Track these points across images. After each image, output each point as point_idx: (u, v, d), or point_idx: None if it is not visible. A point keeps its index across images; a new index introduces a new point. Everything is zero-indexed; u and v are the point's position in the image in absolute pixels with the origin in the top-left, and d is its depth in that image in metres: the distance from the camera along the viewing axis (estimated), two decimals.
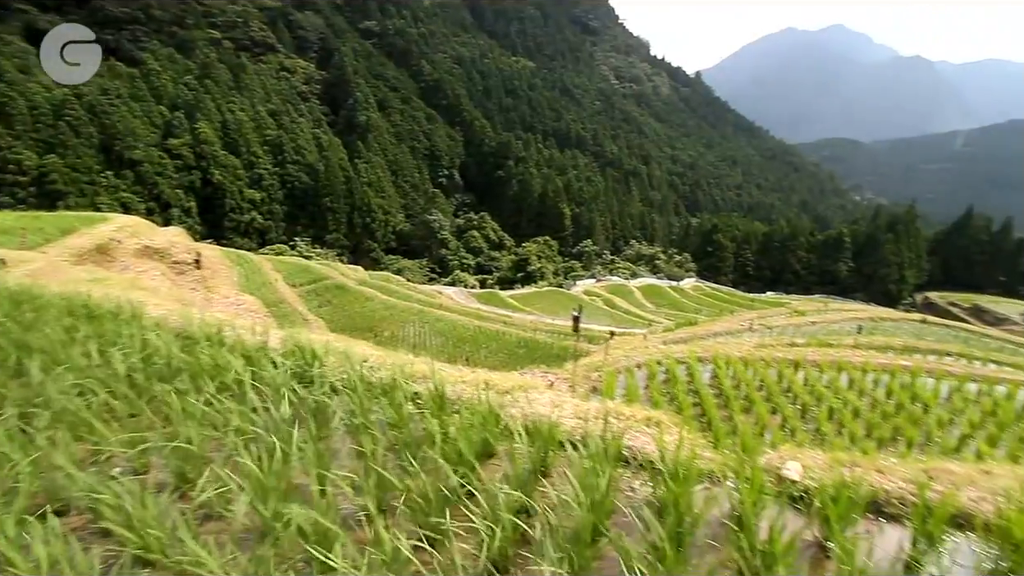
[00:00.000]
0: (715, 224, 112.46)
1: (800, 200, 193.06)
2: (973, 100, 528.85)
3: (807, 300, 62.17)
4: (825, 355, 8.91)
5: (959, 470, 2.95)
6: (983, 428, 6.46)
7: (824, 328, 15.56)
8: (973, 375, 8.18)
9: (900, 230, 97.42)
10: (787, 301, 44.03)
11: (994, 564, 2.25)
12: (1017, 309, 75.59)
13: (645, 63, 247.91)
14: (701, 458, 2.95)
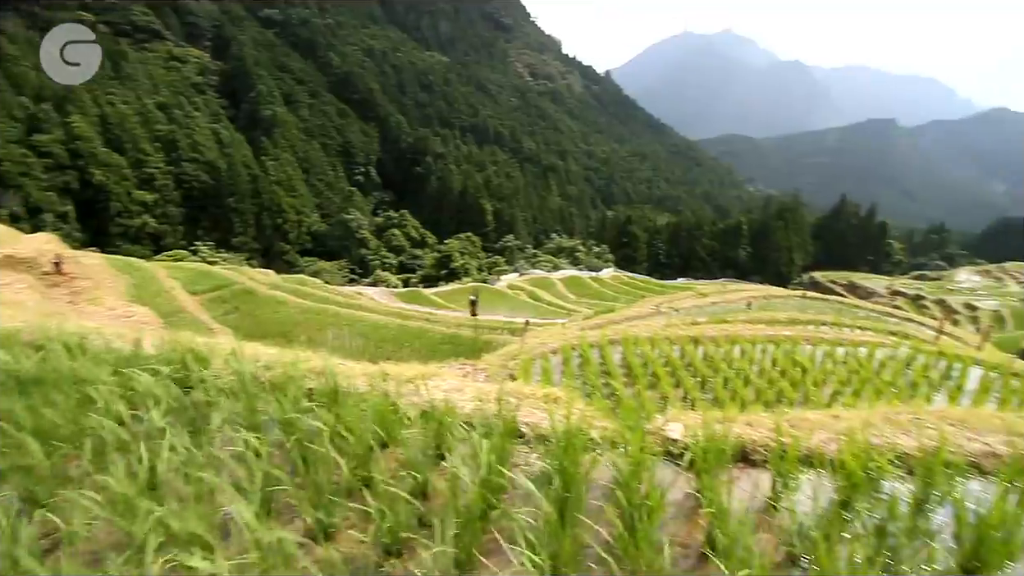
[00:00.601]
0: (629, 216, 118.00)
1: (703, 192, 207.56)
2: (841, 101, 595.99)
3: (712, 284, 67.16)
4: (721, 331, 9.75)
5: (814, 417, 3.34)
6: (849, 384, 7.40)
7: (723, 307, 17.02)
8: (842, 340, 9.37)
9: (788, 218, 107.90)
10: (695, 286, 47.42)
11: (838, 496, 2.57)
12: (883, 284, 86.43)
13: (558, 61, 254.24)
14: (594, 427, 3.10)
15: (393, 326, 27.57)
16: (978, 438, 3.07)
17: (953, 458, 2.84)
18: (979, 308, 64.44)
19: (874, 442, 2.93)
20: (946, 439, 3.06)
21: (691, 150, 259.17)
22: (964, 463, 2.86)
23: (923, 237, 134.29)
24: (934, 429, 3.17)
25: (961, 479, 2.75)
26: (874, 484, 2.51)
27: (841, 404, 6.92)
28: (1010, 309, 61.43)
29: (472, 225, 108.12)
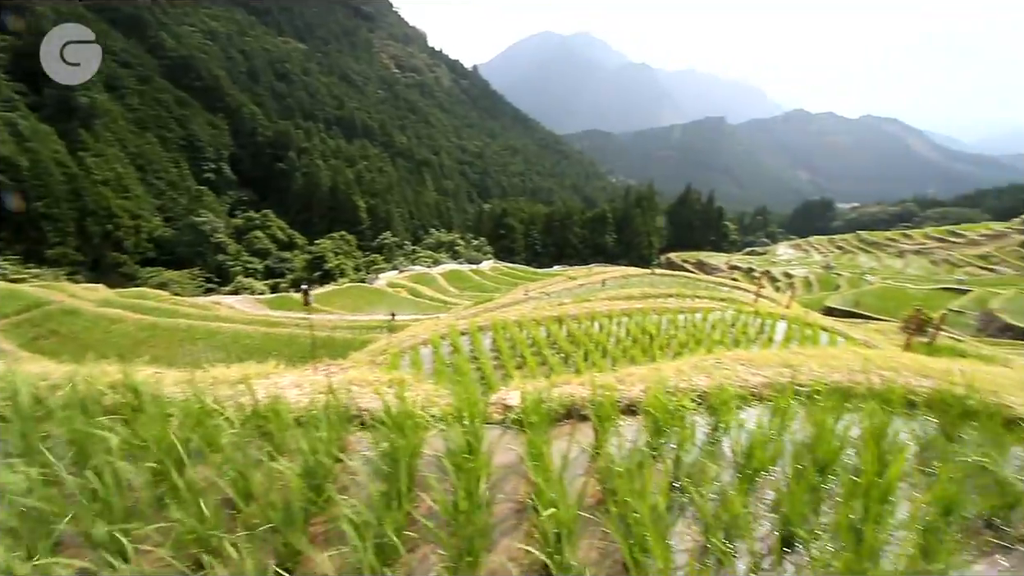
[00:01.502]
0: (504, 209, 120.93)
1: (571, 184, 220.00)
2: (682, 101, 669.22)
3: (584, 269, 71.76)
4: (582, 309, 10.51)
5: (638, 372, 3.73)
6: (687, 344, 8.45)
7: (587, 288, 18.38)
8: (683, 308, 10.68)
9: (644, 206, 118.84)
10: (568, 271, 50.30)
11: (650, 437, 2.89)
12: (723, 260, 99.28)
13: (424, 54, 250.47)
14: (435, 405, 3.14)
15: (258, 335, 25.29)
16: (760, 372, 3.67)
17: (738, 391, 3.35)
18: (794, 276, 77.13)
19: (680, 385, 3.35)
20: (735, 376, 3.61)
21: (558, 144, 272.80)
22: (747, 393, 3.39)
23: (751, 219, 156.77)
24: (729, 369, 3.72)
25: (745, 406, 3.26)
26: (678, 421, 2.87)
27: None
28: (816, 275, 74.31)
29: (345, 223, 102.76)
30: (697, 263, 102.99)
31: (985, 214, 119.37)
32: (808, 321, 9.91)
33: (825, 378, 3.51)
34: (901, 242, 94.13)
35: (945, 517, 2.29)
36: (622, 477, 2.27)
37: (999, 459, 2.64)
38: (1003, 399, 3.19)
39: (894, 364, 3.73)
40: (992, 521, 2.38)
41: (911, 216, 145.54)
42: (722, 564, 2.01)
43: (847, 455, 2.64)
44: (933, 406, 3.23)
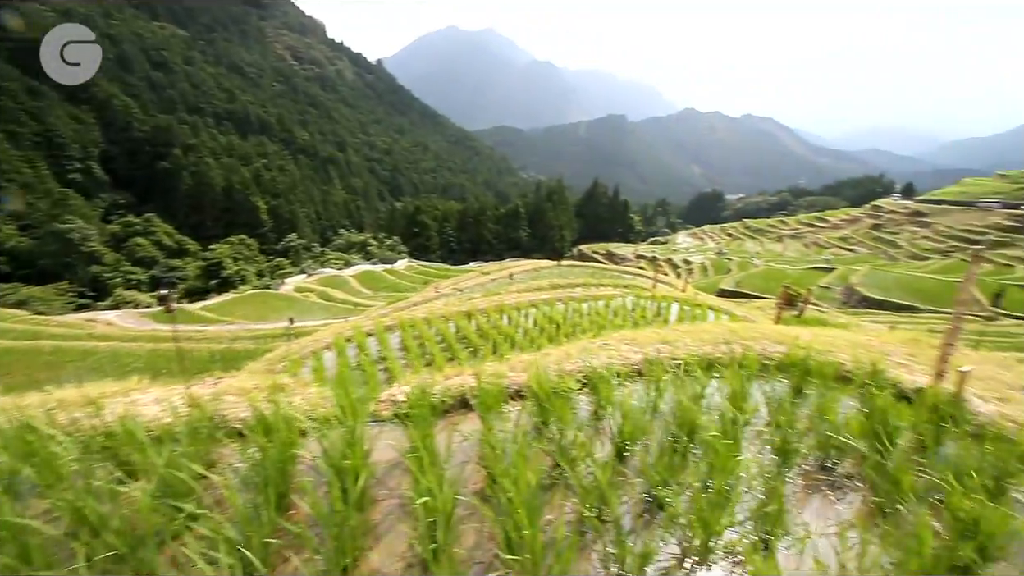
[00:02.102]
0: (417, 206, 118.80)
1: (484, 180, 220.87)
2: (586, 99, 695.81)
3: (497, 264, 72.51)
4: (491, 303, 10.63)
5: (528, 358, 3.84)
6: (590, 331, 8.84)
7: (498, 283, 18.65)
8: (587, 297, 11.18)
9: (555, 200, 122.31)
10: (484, 268, 50.47)
11: (535, 420, 2.97)
12: (630, 250, 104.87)
13: (324, 45, 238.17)
14: (319, 408, 3.01)
15: (143, 352, 22.77)
16: (641, 350, 3.92)
17: (621, 368, 3.55)
18: (693, 262, 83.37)
19: (567, 368, 3.49)
20: (619, 355, 3.82)
21: (469, 140, 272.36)
22: (629, 370, 3.61)
23: (653, 211, 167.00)
24: (614, 350, 3.93)
25: (626, 383, 3.47)
26: (562, 402, 2.99)
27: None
28: (711, 261, 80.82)
29: (244, 226, 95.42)
30: (607, 254, 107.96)
31: (844, 202, 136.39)
32: (698, 302, 10.82)
33: (697, 351, 3.83)
34: (779, 228, 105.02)
35: (784, 464, 2.59)
36: (501, 461, 2.32)
37: (832, 409, 3.03)
38: (836, 357, 3.67)
39: (754, 334, 4.16)
40: (824, 464, 2.74)
41: (787, 205, 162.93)
42: (596, 532, 2.13)
43: (710, 418, 2.89)
44: (783, 368, 3.64)
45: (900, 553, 1.97)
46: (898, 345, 4.16)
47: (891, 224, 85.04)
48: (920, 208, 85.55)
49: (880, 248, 78.77)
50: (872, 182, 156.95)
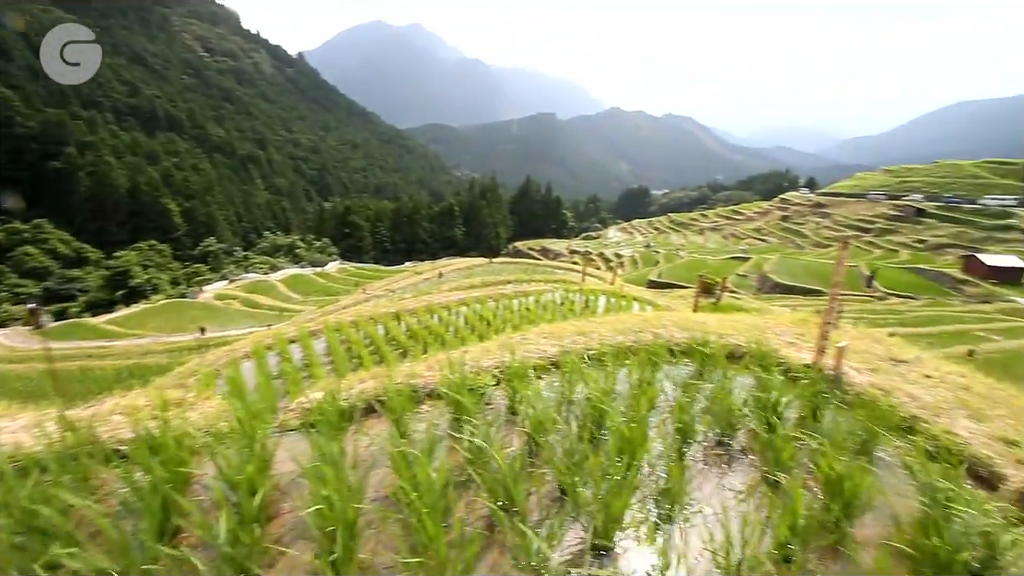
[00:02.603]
0: (348, 206, 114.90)
1: (417, 178, 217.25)
2: (516, 97, 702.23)
3: (428, 264, 71.67)
4: (420, 303, 10.48)
5: (443, 356, 3.83)
6: (520, 327, 8.97)
7: (431, 282, 18.45)
8: (518, 293, 11.30)
9: (490, 197, 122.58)
10: (417, 267, 49.63)
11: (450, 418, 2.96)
12: (564, 245, 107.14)
13: (238, 36, 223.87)
14: (220, 423, 2.84)
15: (32, 375, 20.44)
16: (558, 343, 4.01)
17: (537, 361, 3.62)
18: (623, 255, 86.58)
19: (484, 364, 3.50)
20: (536, 349, 3.89)
21: (400, 138, 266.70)
22: (546, 363, 3.68)
23: (584, 207, 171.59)
24: (532, 344, 4.00)
25: (542, 375, 3.54)
26: (475, 399, 2.99)
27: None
28: (640, 254, 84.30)
29: (154, 231, 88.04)
30: (542, 250, 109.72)
31: (756, 195, 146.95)
32: (623, 294, 11.26)
33: (610, 341, 3.98)
34: (701, 221, 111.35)
35: (684, 442, 2.75)
36: (408, 463, 2.29)
37: (729, 388, 3.25)
38: (734, 340, 3.95)
39: (664, 323, 4.39)
40: (722, 440, 2.93)
41: (706, 199, 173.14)
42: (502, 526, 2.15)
43: (619, 405, 3.01)
44: (688, 353, 3.87)
45: (777, 515, 2.15)
46: (790, 326, 4.54)
47: (797, 216, 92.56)
48: (821, 200, 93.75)
49: (788, 238, 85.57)
50: (780, 177, 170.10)
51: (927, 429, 2.90)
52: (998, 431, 2.87)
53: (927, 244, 67.17)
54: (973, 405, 3.15)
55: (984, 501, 2.42)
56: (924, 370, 3.67)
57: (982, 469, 2.60)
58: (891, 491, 2.48)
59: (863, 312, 36.63)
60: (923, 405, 3.11)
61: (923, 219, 73.18)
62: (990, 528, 2.14)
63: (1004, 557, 2.08)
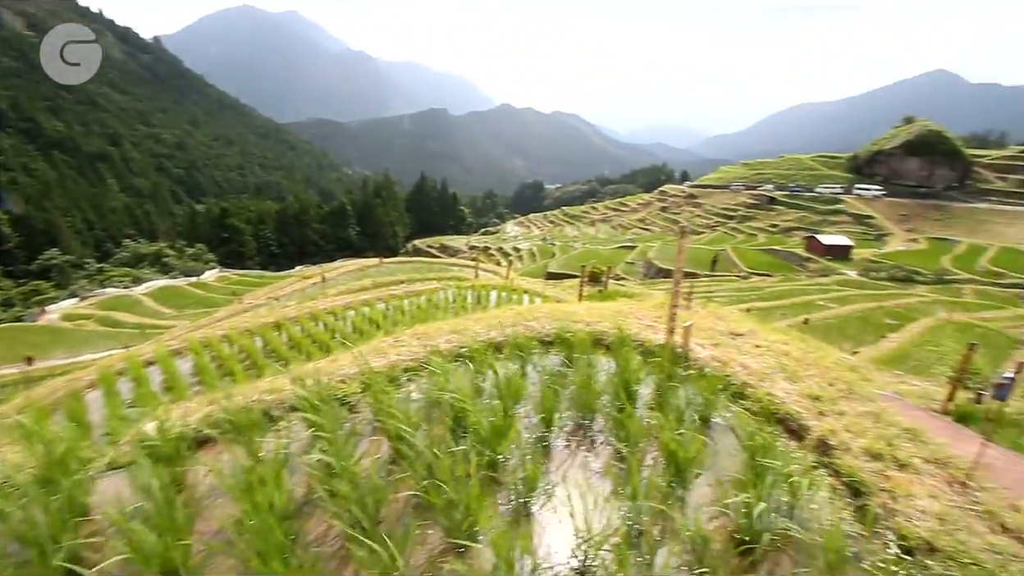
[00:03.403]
0: (225, 208, 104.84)
1: (304, 177, 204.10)
2: (406, 91, 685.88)
3: (333, 263, 67.84)
4: (303, 311, 9.82)
5: (345, 359, 3.66)
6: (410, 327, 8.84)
7: (320, 287, 17.41)
8: (409, 293, 11.04)
9: (384, 195, 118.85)
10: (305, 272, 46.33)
11: (309, 432, 2.81)
12: (463, 242, 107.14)
13: (74, 14, 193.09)
14: (29, 469, 2.44)
15: None
16: (430, 343, 3.99)
17: (409, 364, 3.56)
18: (522, 249, 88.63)
19: (350, 372, 3.38)
20: (408, 351, 3.84)
21: (281, 133, 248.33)
22: (417, 365, 3.64)
23: (482, 202, 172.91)
24: (404, 346, 3.93)
25: (413, 377, 3.49)
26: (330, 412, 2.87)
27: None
28: (537, 247, 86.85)
29: None
30: (441, 247, 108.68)
31: (639, 188, 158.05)
32: (514, 288, 11.51)
33: (483, 337, 4.04)
34: (592, 214, 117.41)
35: (547, 428, 2.87)
36: (256, 487, 2.14)
37: (592, 373, 3.45)
38: (600, 327, 4.21)
39: (537, 315, 4.56)
40: (583, 423, 3.11)
41: (596, 192, 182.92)
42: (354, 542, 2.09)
43: (487, 400, 3.07)
44: (557, 342, 4.05)
45: (620, 487, 2.32)
46: (650, 311, 4.94)
47: (674, 206, 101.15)
48: (693, 192, 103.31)
49: (668, 226, 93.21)
50: (658, 171, 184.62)
51: (753, 393, 3.31)
52: (807, 389, 3.36)
53: (779, 228, 76.95)
54: (790, 368, 3.66)
55: (793, 451, 2.81)
56: (756, 341, 4.20)
57: (792, 423, 3.03)
58: (723, 453, 2.80)
59: (733, 290, 41.08)
60: (752, 372, 3.55)
61: (775, 206, 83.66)
62: (793, 475, 2.49)
63: (803, 499, 2.43)
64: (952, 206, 68.75)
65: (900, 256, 54.17)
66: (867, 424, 2.96)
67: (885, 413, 3.13)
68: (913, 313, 27.95)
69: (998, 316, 27.62)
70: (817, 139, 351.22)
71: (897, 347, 21.69)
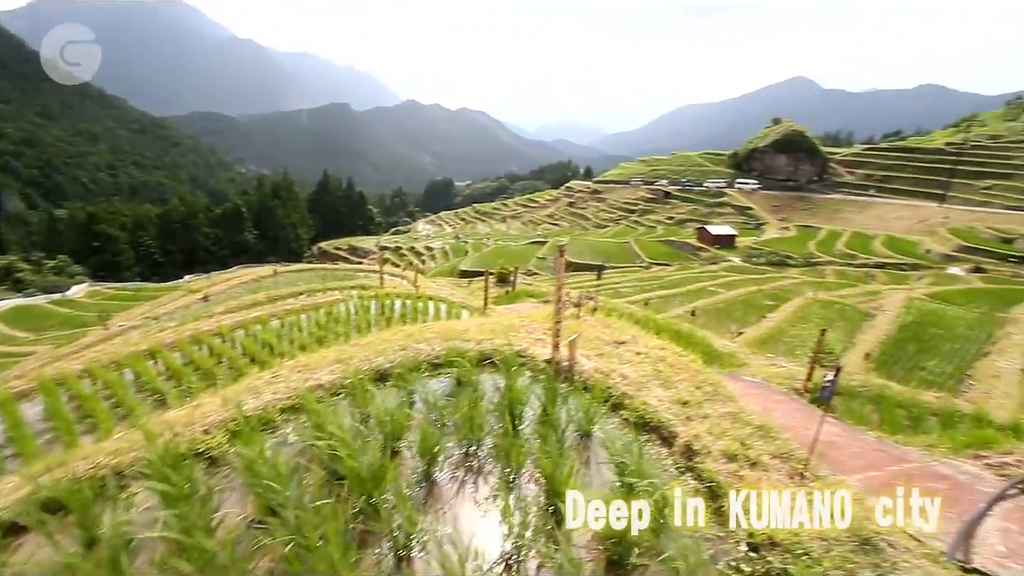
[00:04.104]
0: (92, 214, 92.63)
1: (190, 176, 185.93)
2: (305, 84, 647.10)
3: (224, 274, 62.30)
4: (182, 334, 8.85)
5: (212, 403, 3.32)
6: (309, 347, 8.34)
7: (212, 301, 15.80)
8: (306, 307, 10.37)
9: (284, 196, 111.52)
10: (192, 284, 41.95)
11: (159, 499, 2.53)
12: (373, 243, 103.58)
13: None
14: None
15: None
16: (312, 375, 3.78)
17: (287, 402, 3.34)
18: (434, 248, 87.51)
19: (217, 419, 3.10)
20: (287, 387, 3.60)
21: (160, 128, 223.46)
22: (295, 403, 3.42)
23: (391, 201, 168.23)
24: (283, 382, 3.68)
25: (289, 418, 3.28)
26: (185, 474, 2.61)
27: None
28: (450, 245, 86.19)
29: None
30: (349, 248, 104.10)
31: (547, 184, 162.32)
32: (419, 295, 11.27)
33: (369, 364, 3.90)
34: (503, 210, 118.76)
35: (430, 463, 2.83)
36: None
37: (480, 395, 3.45)
38: (488, 344, 4.24)
39: (427, 335, 4.49)
40: (468, 452, 3.10)
41: (506, 189, 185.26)
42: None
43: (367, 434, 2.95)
44: (448, 364, 4.01)
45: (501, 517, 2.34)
46: (541, 323, 5.07)
47: (580, 201, 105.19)
48: (597, 187, 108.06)
49: (576, 221, 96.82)
50: (564, 167, 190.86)
51: (631, 403, 3.51)
52: (677, 395, 3.62)
53: (674, 220, 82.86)
54: (665, 375, 3.93)
55: (663, 458, 3.00)
56: (637, 348, 4.46)
57: (664, 431, 3.25)
58: (598, 469, 2.92)
59: (636, 280, 43.60)
60: (630, 382, 3.76)
61: (670, 200, 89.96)
62: (662, 482, 2.66)
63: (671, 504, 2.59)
64: (814, 197, 78.15)
65: (775, 243, 60.64)
66: (727, 425, 3.25)
67: (742, 413, 3.45)
68: (787, 294, 31.39)
69: (852, 293, 31.81)
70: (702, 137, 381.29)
71: (775, 326, 24.22)
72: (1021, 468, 3.84)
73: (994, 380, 17.53)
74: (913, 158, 79.44)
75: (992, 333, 22.67)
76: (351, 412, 3.11)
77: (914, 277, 41.82)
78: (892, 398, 7.25)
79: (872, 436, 4.80)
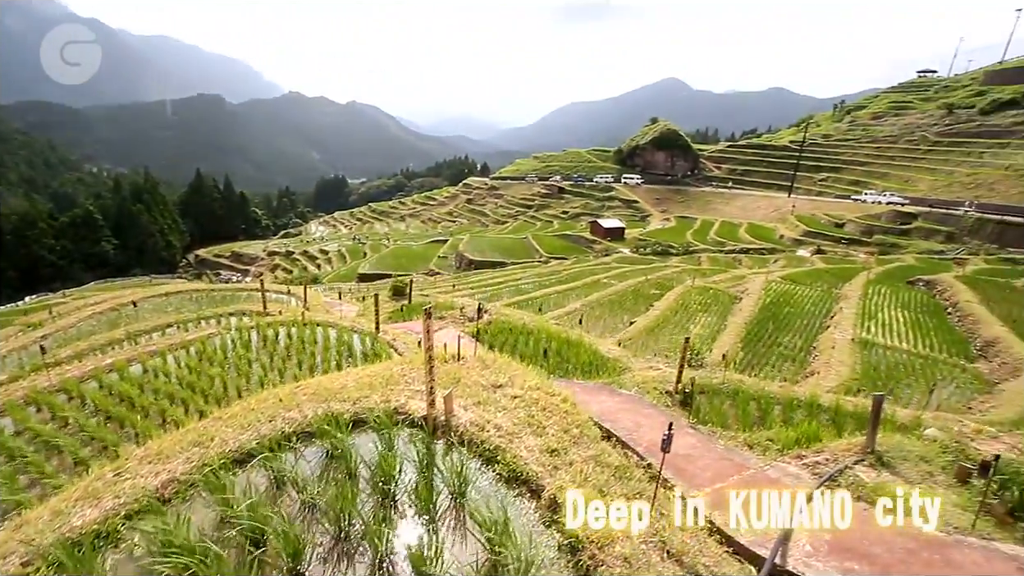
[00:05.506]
0: None
1: (23, 178, 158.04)
2: (164, 73, 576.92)
3: (80, 291, 53.92)
4: (16, 391, 7.45)
5: (41, 519, 2.88)
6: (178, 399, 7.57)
7: (55, 336, 13.33)
8: (173, 345, 9.20)
9: (147, 199, 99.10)
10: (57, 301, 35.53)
11: None
12: (260, 248, 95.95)
13: None
14: None
15: None
16: (165, 468, 3.48)
17: (132, 507, 3.05)
18: (330, 251, 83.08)
19: (44, 541, 2.76)
20: (133, 487, 3.29)
21: None
22: (141, 506, 3.14)
23: (279, 201, 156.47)
24: (130, 479, 3.36)
25: (136, 525, 3.01)
26: None
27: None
28: (346, 247, 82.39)
29: None
30: (233, 256, 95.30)
31: (445, 181, 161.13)
32: (306, 321, 10.54)
33: (232, 444, 3.68)
34: (400, 209, 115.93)
35: (295, 561, 2.76)
36: None
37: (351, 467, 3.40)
38: (365, 403, 4.20)
39: (300, 399, 4.32)
40: (338, 539, 3.06)
41: (403, 186, 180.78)
42: None
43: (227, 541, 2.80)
44: (319, 434, 3.91)
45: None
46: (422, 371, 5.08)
47: (479, 198, 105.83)
48: (494, 184, 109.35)
49: (475, 217, 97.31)
50: (462, 164, 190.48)
51: (504, 456, 3.68)
52: (547, 443, 3.86)
53: (569, 214, 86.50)
54: (536, 420, 4.17)
55: (533, 511, 3.19)
56: (514, 391, 4.66)
57: (533, 484, 3.46)
58: (463, 541, 3.04)
59: (536, 275, 44.91)
60: (504, 432, 3.94)
61: (564, 195, 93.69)
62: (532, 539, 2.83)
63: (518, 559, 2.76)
64: (689, 190, 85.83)
65: (659, 233, 65.73)
66: (588, 470, 3.54)
67: (603, 455, 3.78)
68: (670, 282, 34.22)
69: (723, 278, 35.48)
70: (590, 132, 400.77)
71: (660, 314, 26.29)
72: (828, 466, 4.64)
73: (832, 351, 20.62)
74: (766, 154, 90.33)
75: (831, 308, 26.63)
76: (208, 510, 2.92)
77: (772, 260, 47.62)
78: (746, 392, 8.28)
79: (721, 445, 5.47)
